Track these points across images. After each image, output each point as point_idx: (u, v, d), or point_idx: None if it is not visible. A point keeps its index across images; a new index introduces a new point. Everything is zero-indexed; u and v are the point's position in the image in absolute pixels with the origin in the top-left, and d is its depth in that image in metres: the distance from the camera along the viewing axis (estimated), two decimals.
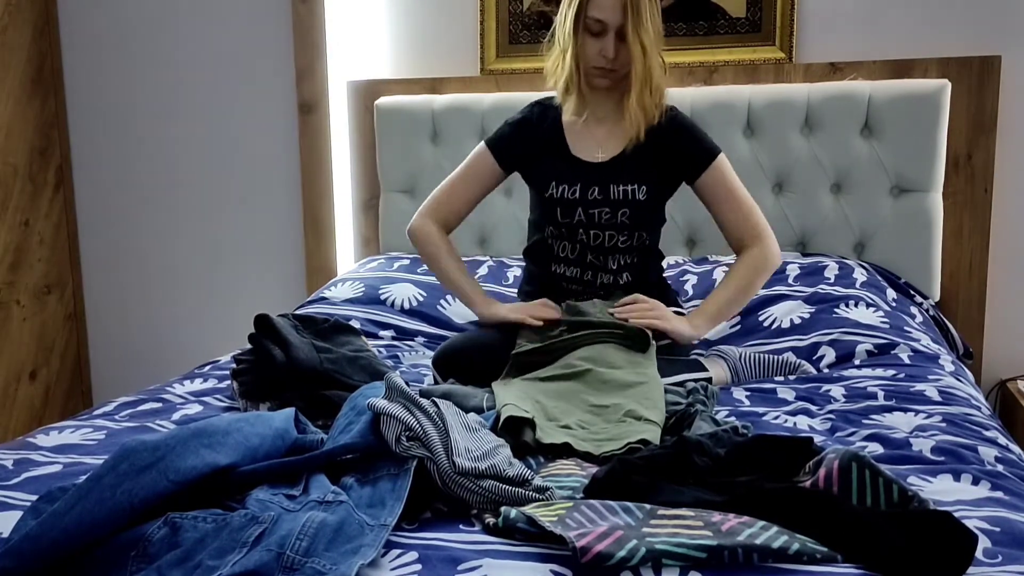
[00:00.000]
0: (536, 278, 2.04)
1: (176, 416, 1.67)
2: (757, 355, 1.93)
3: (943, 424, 1.51)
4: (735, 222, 1.92)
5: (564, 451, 1.42)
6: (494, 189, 2.06)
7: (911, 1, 2.45)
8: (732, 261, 1.99)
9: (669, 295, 2.04)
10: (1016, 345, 2.48)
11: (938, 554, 1.01)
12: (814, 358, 1.95)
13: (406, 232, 2.08)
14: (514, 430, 1.43)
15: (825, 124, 2.42)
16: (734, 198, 1.92)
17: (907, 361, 1.88)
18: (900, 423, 1.54)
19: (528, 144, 1.98)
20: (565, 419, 1.51)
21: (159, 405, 1.74)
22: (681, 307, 2.04)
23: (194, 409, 1.71)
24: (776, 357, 1.92)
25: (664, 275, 2.10)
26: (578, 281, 1.98)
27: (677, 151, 1.93)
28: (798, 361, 1.92)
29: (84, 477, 1.13)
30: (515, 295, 2.27)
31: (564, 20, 1.88)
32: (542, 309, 1.89)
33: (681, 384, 1.73)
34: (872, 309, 2.07)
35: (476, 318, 2.26)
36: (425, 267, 2.51)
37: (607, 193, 1.91)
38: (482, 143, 2.03)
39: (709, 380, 1.83)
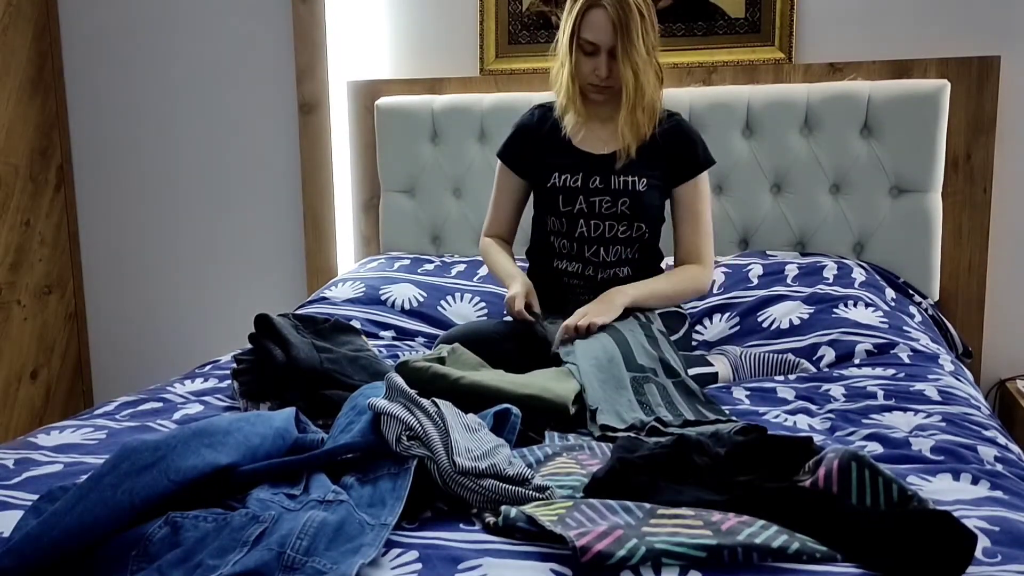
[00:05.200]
0: (539, 276, 2.06)
1: (177, 416, 1.67)
2: (758, 353, 1.94)
3: (943, 424, 1.51)
4: (690, 241, 2.00)
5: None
6: (528, 196, 2.11)
7: (911, 1, 2.45)
8: (726, 259, 2.21)
9: None
10: (1016, 345, 2.48)
11: (938, 554, 1.01)
12: (814, 358, 1.95)
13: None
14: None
15: (824, 124, 2.42)
16: (701, 220, 2.00)
17: (907, 361, 1.88)
18: (900, 423, 1.54)
19: (531, 145, 2.05)
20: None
21: (160, 405, 1.75)
22: (680, 307, 2.05)
23: (195, 409, 1.71)
24: (777, 356, 1.93)
25: None
26: (579, 276, 2.00)
27: (674, 155, 1.99)
28: (798, 360, 1.93)
29: (85, 477, 1.13)
30: None
31: (563, 35, 1.94)
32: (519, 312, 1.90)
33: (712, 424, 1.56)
34: (871, 309, 2.07)
35: (477, 320, 2.27)
36: (425, 267, 2.52)
37: (608, 182, 1.96)
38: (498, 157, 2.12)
39: (715, 375, 1.84)
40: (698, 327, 2.14)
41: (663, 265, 2.11)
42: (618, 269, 1.99)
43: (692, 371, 1.80)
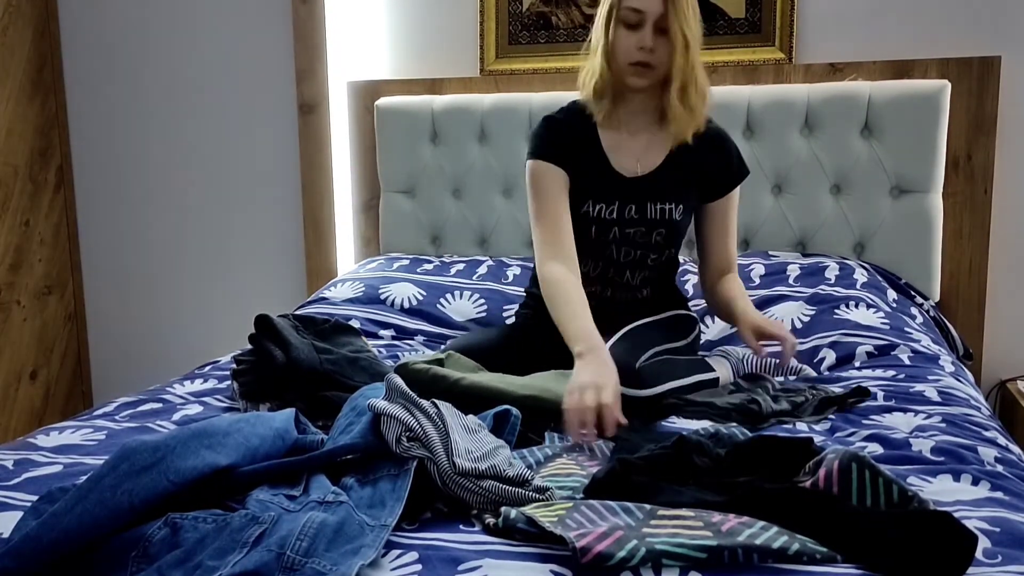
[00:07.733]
0: None
1: (176, 416, 1.67)
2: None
3: (943, 424, 1.51)
4: (725, 251, 1.93)
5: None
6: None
7: (911, 1, 2.45)
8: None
9: (680, 301, 2.01)
10: (1016, 345, 2.48)
11: (938, 554, 1.01)
12: (815, 361, 1.95)
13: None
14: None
15: (825, 125, 2.42)
16: (732, 228, 1.93)
17: (907, 362, 1.88)
18: (900, 423, 1.54)
19: (564, 141, 1.83)
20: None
21: (159, 405, 1.74)
22: (690, 310, 2.00)
23: (194, 409, 1.71)
24: (778, 358, 1.92)
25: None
26: (597, 297, 1.86)
27: (714, 165, 1.87)
28: (799, 365, 1.92)
29: (84, 477, 1.13)
30: (516, 294, 2.27)
31: (598, 18, 1.78)
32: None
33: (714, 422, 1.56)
34: (872, 310, 2.07)
35: (476, 317, 2.27)
36: (424, 267, 2.52)
37: (644, 212, 1.83)
38: (528, 163, 1.84)
39: (716, 380, 1.82)
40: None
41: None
42: (639, 291, 1.91)
43: (693, 378, 1.76)
